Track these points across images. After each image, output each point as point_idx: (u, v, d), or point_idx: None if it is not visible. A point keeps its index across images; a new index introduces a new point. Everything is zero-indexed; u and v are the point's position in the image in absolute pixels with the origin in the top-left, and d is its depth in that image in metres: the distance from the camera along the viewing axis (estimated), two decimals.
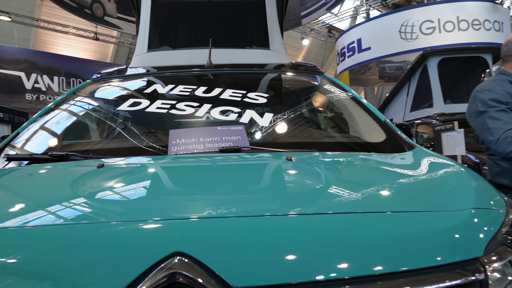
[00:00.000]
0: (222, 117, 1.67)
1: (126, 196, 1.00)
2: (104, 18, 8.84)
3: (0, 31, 12.07)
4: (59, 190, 1.06)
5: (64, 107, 1.93)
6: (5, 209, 0.96)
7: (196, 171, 1.19)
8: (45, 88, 11.35)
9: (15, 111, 3.42)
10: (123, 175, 1.19)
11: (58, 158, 1.34)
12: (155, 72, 2.31)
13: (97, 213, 0.88)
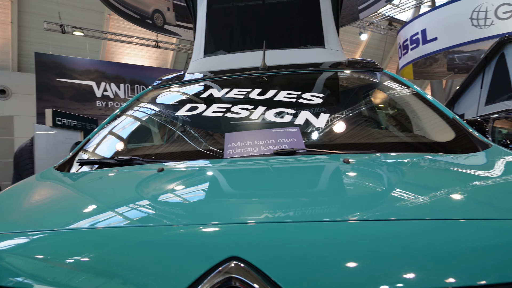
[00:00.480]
0: (276, 119, 1.65)
1: (186, 199, 1.03)
2: (164, 27, 9.33)
3: (74, 46, 13.28)
4: (125, 193, 1.12)
5: (128, 114, 2.05)
6: (78, 210, 1.03)
7: (253, 174, 1.19)
8: (113, 95, 12.25)
9: (87, 118, 3.74)
10: (182, 178, 1.22)
11: (123, 162, 1.42)
12: (211, 76, 2.37)
13: (159, 216, 0.91)
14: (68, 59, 11.81)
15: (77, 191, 1.26)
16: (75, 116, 3.55)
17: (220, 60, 2.72)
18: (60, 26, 11.07)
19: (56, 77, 11.39)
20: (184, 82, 2.32)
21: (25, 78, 12.95)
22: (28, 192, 1.29)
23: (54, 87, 11.35)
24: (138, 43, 12.72)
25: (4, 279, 0.80)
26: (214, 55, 2.79)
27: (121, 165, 1.41)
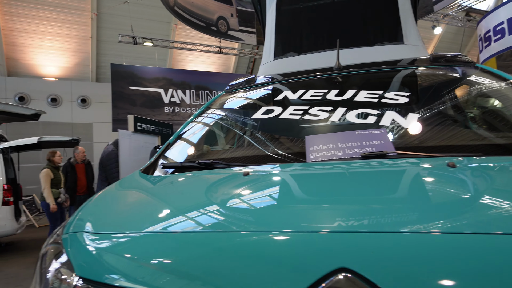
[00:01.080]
0: (359, 121, 1.56)
1: (282, 205, 0.98)
2: (228, 33, 9.56)
3: (144, 55, 14.20)
4: (215, 197, 1.11)
5: (203, 118, 2.09)
6: (170, 213, 1.05)
7: (346, 178, 1.12)
8: (179, 101, 12.86)
9: (163, 123, 3.94)
10: (270, 183, 1.19)
11: (204, 166, 1.43)
12: (284, 79, 2.33)
13: (257, 222, 0.88)
14: (139, 68, 12.66)
15: (167, 194, 1.29)
16: (153, 121, 3.75)
17: (291, 62, 2.68)
18: (132, 38, 11.90)
19: (129, 86, 12.26)
20: (256, 86, 2.31)
21: (102, 87, 14.13)
22: (121, 195, 1.36)
23: (127, 95, 12.21)
24: (202, 50, 13.22)
25: (99, 275, 0.84)
26: (285, 57, 2.76)
27: (203, 169, 1.43)
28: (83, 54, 13.99)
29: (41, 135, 12.25)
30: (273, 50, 2.78)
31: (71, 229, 1.10)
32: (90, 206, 1.26)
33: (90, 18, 13.19)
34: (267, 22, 3.00)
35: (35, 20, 12.79)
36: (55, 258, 0.99)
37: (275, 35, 2.83)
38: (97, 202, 1.30)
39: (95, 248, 0.93)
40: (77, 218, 1.17)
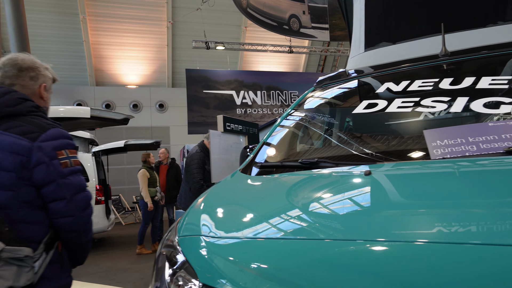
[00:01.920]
0: (488, 111, 1.32)
1: (425, 211, 0.85)
2: (300, 31, 9.41)
3: (216, 59, 14.65)
4: (335, 201, 0.99)
5: (296, 116, 1.95)
6: (278, 217, 0.96)
7: (491, 178, 0.93)
8: (251, 102, 13.00)
9: (250, 123, 3.92)
10: (398, 184, 1.03)
11: (309, 165, 1.30)
12: (381, 70, 2.10)
13: (387, 231, 0.78)
14: (212, 72, 13.07)
15: (278, 196, 1.19)
16: (240, 121, 3.75)
17: (385, 52, 2.42)
18: (205, 43, 12.33)
19: (203, 89, 12.71)
20: (350, 79, 2.11)
21: (178, 92, 14.88)
22: (227, 196, 1.30)
23: (201, 98, 12.68)
24: (272, 51, 13.22)
25: (220, 283, 0.83)
26: (377, 47, 2.51)
27: (306, 168, 1.30)
28: (160, 62, 14.88)
29: (125, 139, 13.22)
30: (363, 42, 2.55)
31: (185, 232, 1.09)
32: (199, 208, 1.22)
33: (166, 27, 13.98)
34: (354, 12, 2.77)
35: (118, 33, 13.92)
36: (172, 262, 0.99)
37: (364, 25, 2.59)
38: (205, 204, 1.25)
39: (214, 253, 0.92)
40: (187, 221, 1.17)
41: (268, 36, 14.62)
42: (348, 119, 1.80)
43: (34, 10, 12.35)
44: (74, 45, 13.62)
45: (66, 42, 13.51)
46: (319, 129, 1.88)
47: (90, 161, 6.61)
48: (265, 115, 13.02)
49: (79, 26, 13.26)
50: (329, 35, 8.69)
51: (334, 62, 16.95)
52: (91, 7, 13.19)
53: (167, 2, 13.44)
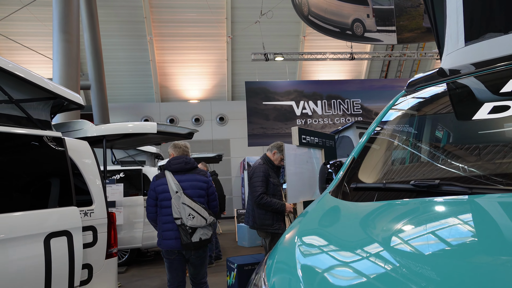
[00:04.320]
0: None
1: None
2: (365, 35, 8.93)
3: (275, 70, 14.57)
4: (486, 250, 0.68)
5: (389, 126, 1.62)
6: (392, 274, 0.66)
7: None
8: (311, 113, 12.62)
9: (326, 134, 3.60)
10: None
11: (424, 188, 0.98)
12: (491, 67, 1.70)
13: None
14: (271, 83, 12.95)
15: (385, 234, 0.88)
16: (316, 133, 3.47)
17: (493, 45, 2.00)
18: (264, 55, 12.29)
19: (262, 101, 12.62)
20: (452, 79, 1.73)
21: (238, 105, 15.00)
22: (320, 230, 1.07)
23: (261, 110, 12.59)
24: (332, 58, 12.79)
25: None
26: (482, 40, 2.09)
27: (420, 193, 0.98)
28: (220, 76, 15.18)
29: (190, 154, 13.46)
30: (462, 35, 2.14)
31: (277, 274, 0.95)
32: (291, 245, 0.98)
33: (225, 42, 14.24)
34: (448, 2, 2.36)
35: (181, 51, 14.47)
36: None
37: (463, 15, 2.18)
38: (297, 240, 1.00)
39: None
40: (278, 260, 1.02)
41: (327, 44, 14.21)
42: (458, 127, 1.44)
43: (108, 35, 13.31)
44: (142, 65, 14.42)
45: (134, 63, 14.35)
46: (422, 141, 1.53)
47: None
48: (326, 125, 12.54)
49: (146, 47, 14.01)
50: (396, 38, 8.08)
51: (399, 67, 15.99)
52: (157, 28, 13.89)
53: (226, 18, 13.71)
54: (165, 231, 2.99)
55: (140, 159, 7.23)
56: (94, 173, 2.79)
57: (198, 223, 2.89)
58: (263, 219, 3.32)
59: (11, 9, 11.71)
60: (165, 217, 2.99)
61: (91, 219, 2.65)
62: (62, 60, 8.28)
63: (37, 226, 2.23)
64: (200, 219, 2.89)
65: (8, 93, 2.48)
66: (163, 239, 3.00)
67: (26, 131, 2.42)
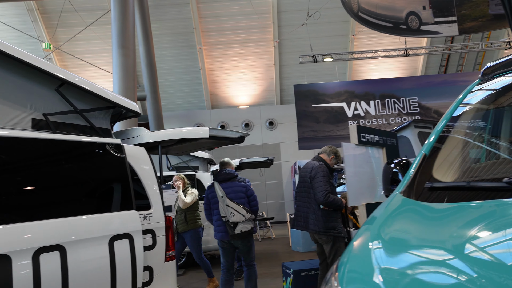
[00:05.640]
0: None
1: None
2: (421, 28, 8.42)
3: (324, 72, 14.30)
4: None
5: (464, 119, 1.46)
6: None
7: None
8: (363, 113, 12.18)
9: (387, 132, 3.41)
10: None
11: None
12: None
13: None
14: (320, 85, 12.72)
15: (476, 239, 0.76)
16: (376, 130, 3.30)
17: None
18: (312, 57, 12.11)
19: (312, 104, 12.42)
20: None
21: (286, 109, 14.92)
22: (394, 234, 0.94)
23: (311, 112, 12.39)
24: (384, 56, 12.26)
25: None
26: None
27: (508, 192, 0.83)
28: (268, 81, 15.22)
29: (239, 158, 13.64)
30: None
31: (351, 285, 0.84)
32: (363, 252, 0.89)
33: (273, 46, 14.27)
34: None
35: (229, 58, 14.75)
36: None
37: None
38: (370, 245, 0.91)
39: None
40: (350, 268, 0.92)
41: (378, 41, 13.67)
42: None
43: (160, 48, 13.96)
44: (192, 74, 14.91)
45: (186, 72, 14.89)
46: (502, 136, 1.35)
47: (210, 179, 6.87)
48: (381, 125, 12.01)
49: (196, 56, 14.48)
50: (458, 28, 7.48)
51: (460, 60, 14.89)
52: (206, 37, 14.30)
53: (273, 23, 13.74)
54: (217, 227, 3.85)
55: (194, 164, 7.41)
56: (151, 178, 2.87)
57: (238, 219, 3.66)
58: (325, 221, 3.21)
59: (77, 30, 12.73)
60: (216, 216, 3.86)
61: (150, 223, 2.72)
62: (121, 74, 8.80)
63: (102, 229, 2.33)
64: (239, 216, 3.67)
65: (73, 104, 2.63)
66: (217, 232, 3.86)
67: (90, 139, 2.56)
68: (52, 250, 2.08)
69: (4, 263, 1.88)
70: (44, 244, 2.04)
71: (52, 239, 2.08)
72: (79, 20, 12.88)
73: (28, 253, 1.98)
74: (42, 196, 2.23)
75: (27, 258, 1.96)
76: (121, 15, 9.06)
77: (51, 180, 2.29)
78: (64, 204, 2.30)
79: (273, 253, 7.75)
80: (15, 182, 2.11)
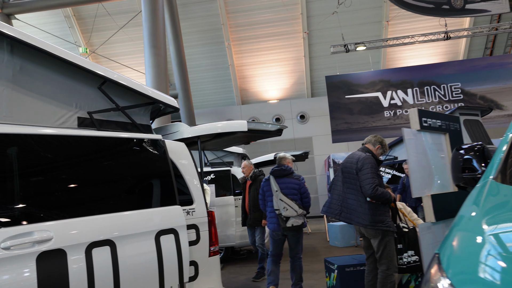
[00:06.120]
0: None
1: None
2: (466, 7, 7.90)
3: (357, 62, 13.90)
4: None
5: None
6: None
7: None
8: (401, 103, 11.72)
9: (449, 116, 3.20)
10: None
11: None
12: None
13: None
14: (353, 76, 12.36)
15: None
16: (438, 115, 3.10)
17: None
18: (343, 46, 11.79)
19: (345, 95, 12.12)
20: None
21: (318, 102, 14.66)
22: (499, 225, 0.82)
23: (344, 104, 12.09)
24: (422, 41, 11.71)
25: None
26: None
27: None
28: (298, 73, 15.01)
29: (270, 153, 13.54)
30: None
31: (464, 277, 0.77)
32: (470, 249, 0.79)
33: (302, 38, 14.04)
34: None
35: (257, 52, 14.67)
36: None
37: None
38: (479, 241, 0.81)
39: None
40: (460, 270, 0.82)
41: (414, 26, 13.09)
42: None
43: (190, 46, 14.11)
44: (222, 70, 14.97)
45: (215, 69, 14.97)
46: None
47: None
48: None
49: (225, 53, 14.51)
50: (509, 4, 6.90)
51: (509, 40, 13.90)
52: (234, 33, 14.29)
53: (301, 13, 13.50)
54: (270, 218, 4.15)
55: (228, 160, 7.42)
56: (192, 173, 2.86)
57: (290, 214, 3.87)
58: (373, 215, 3.06)
59: (110, 33, 13.11)
60: (269, 208, 4.16)
61: (193, 218, 2.71)
62: (153, 73, 8.96)
63: (148, 224, 2.34)
64: (292, 211, 3.88)
65: (115, 101, 2.66)
66: (269, 223, 4.16)
67: (134, 135, 2.57)
68: (103, 245, 2.10)
69: (60, 257, 1.92)
70: (95, 239, 2.07)
71: (102, 234, 2.11)
72: (112, 23, 13.26)
73: (81, 248, 2.01)
74: (92, 192, 2.26)
75: (80, 253, 2.00)
76: (151, 16, 9.21)
77: (100, 176, 2.32)
78: (113, 199, 2.33)
79: (311, 248, 7.64)
80: (69, 179, 2.16)
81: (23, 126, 2.15)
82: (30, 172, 2.04)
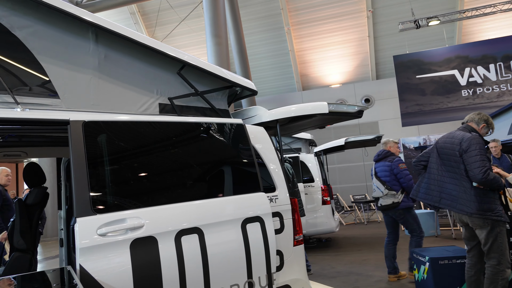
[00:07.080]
0: None
1: None
2: None
3: (428, 38, 12.80)
4: None
5: None
6: None
7: None
8: (481, 80, 10.59)
9: None
10: None
11: None
12: None
13: None
14: (424, 54, 11.40)
15: None
16: None
17: None
18: (414, 22, 10.88)
19: (415, 75, 11.24)
20: None
21: (384, 84, 13.81)
22: None
23: (414, 85, 11.23)
24: (505, 10, 10.41)
25: None
26: None
27: None
28: (361, 55, 14.24)
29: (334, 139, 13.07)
30: None
31: None
32: None
33: (366, 17, 13.24)
34: None
35: (318, 35, 14.14)
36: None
37: None
38: None
39: None
40: None
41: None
42: None
43: (250, 33, 14.03)
44: (281, 56, 14.72)
45: (275, 55, 14.76)
46: None
47: (313, 161, 6.62)
48: (504, 92, 10.31)
49: (285, 38, 14.22)
50: None
51: None
52: (293, 17, 13.92)
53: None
54: None
55: (296, 146, 7.23)
56: (273, 159, 2.72)
57: (377, 194, 4.31)
58: (480, 202, 2.68)
59: (172, 26, 13.47)
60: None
61: (277, 205, 2.58)
62: (215, 62, 9.00)
63: (235, 212, 2.25)
64: (378, 192, 4.28)
65: (194, 86, 2.59)
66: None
67: (215, 120, 2.49)
68: (191, 232, 2.05)
69: (152, 244, 1.90)
70: (184, 227, 2.02)
71: (190, 222, 2.05)
72: (174, 16, 13.61)
73: (171, 235, 1.97)
74: (178, 179, 2.22)
75: (170, 240, 1.96)
76: (212, 5, 9.23)
77: (186, 163, 2.27)
78: (199, 187, 2.27)
79: (384, 238, 7.23)
80: (156, 166, 2.13)
81: (110, 113, 2.15)
82: (120, 159, 2.04)
